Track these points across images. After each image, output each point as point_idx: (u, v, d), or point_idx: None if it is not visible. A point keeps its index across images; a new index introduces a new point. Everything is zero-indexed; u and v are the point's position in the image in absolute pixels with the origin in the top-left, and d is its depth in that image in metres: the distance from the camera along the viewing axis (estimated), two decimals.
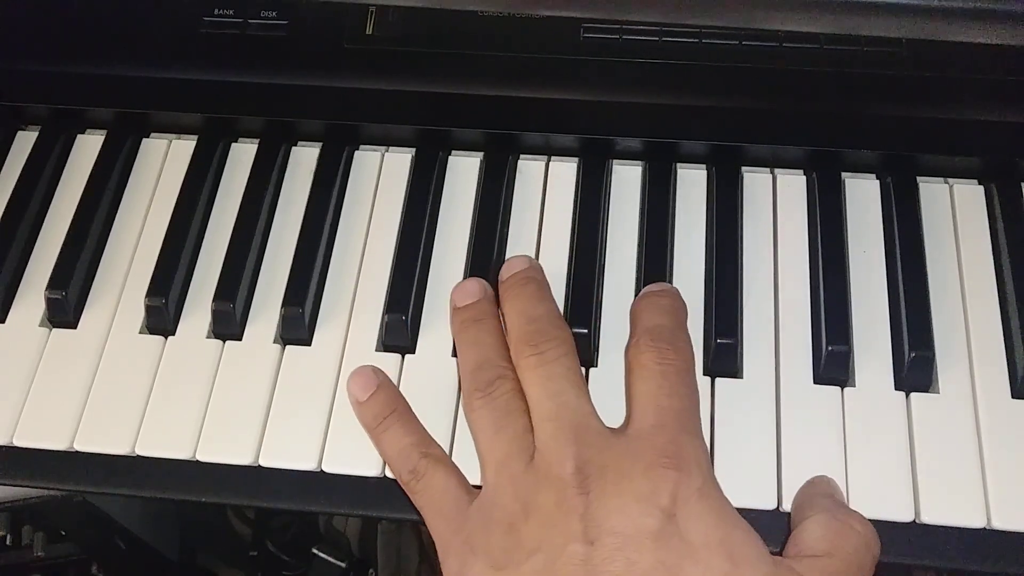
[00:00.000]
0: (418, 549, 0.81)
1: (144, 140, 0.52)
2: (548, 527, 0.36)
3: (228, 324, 0.45)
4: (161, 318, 0.45)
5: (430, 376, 0.44)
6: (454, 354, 0.44)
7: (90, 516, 0.71)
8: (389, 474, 0.42)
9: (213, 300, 0.45)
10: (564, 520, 0.36)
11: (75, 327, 0.46)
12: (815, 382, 0.43)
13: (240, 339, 0.45)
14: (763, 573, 0.35)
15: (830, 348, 0.42)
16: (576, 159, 0.49)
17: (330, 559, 0.84)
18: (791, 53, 0.49)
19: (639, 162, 0.49)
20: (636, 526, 0.35)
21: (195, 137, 0.51)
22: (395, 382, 0.44)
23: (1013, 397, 0.42)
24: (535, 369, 0.40)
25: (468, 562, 0.37)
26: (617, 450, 0.38)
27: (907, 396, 0.43)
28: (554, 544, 0.36)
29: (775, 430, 0.42)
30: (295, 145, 0.51)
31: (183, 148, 0.51)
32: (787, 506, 0.40)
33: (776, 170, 0.49)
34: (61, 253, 0.47)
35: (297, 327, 0.45)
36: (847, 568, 0.36)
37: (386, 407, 0.42)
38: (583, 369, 0.43)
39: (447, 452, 0.42)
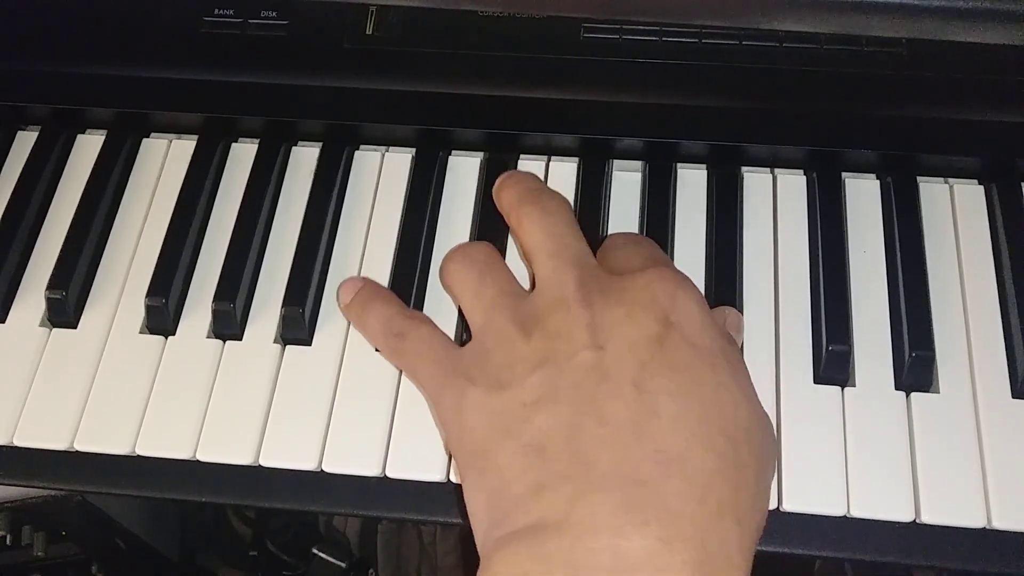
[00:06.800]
0: (418, 549, 0.81)
1: (144, 140, 0.52)
2: (553, 341, 0.36)
3: (228, 324, 0.45)
4: (161, 318, 0.45)
5: None
6: None
7: (90, 516, 0.71)
8: (389, 474, 0.42)
9: (213, 300, 0.45)
10: (569, 332, 0.36)
11: (75, 327, 0.46)
12: (815, 382, 0.43)
13: (240, 339, 0.45)
14: (748, 380, 0.37)
15: (830, 348, 0.42)
16: (576, 159, 0.49)
17: (330, 559, 0.84)
18: (791, 53, 0.49)
19: (639, 162, 0.49)
20: (643, 330, 0.36)
21: (195, 137, 0.51)
22: (396, 380, 0.44)
23: (1013, 397, 0.42)
24: (537, 220, 0.41)
25: (465, 390, 0.37)
26: (615, 278, 0.39)
27: (907, 396, 0.43)
28: (561, 354, 0.36)
29: (775, 430, 0.42)
30: (295, 145, 0.51)
31: (183, 148, 0.51)
32: (788, 506, 0.40)
33: (776, 170, 0.49)
34: (61, 253, 0.47)
35: (297, 327, 0.45)
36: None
37: (368, 295, 0.44)
38: None
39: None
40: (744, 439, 0.35)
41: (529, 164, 0.49)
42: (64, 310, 0.46)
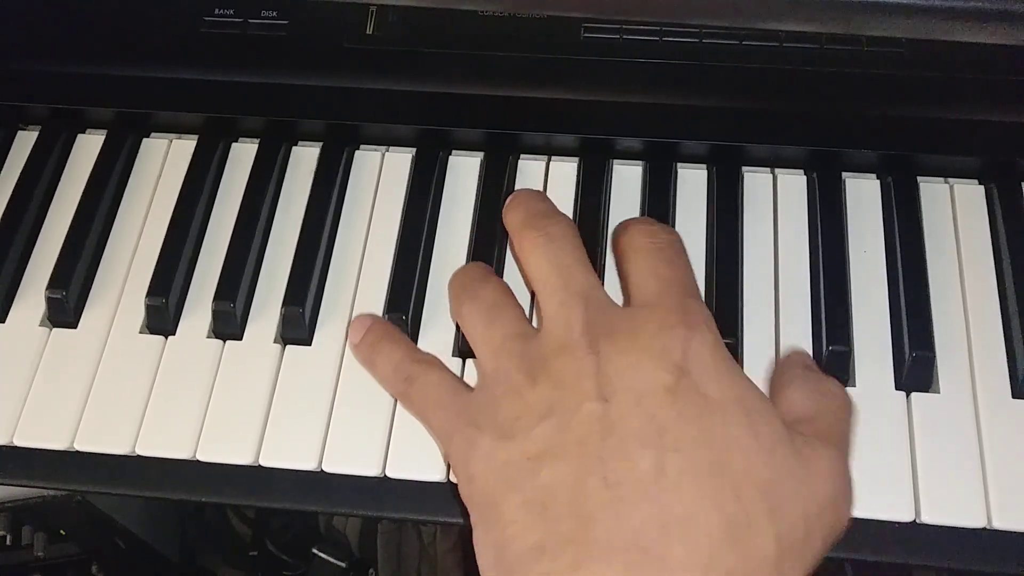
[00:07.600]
0: (418, 549, 0.81)
1: (144, 140, 0.52)
2: (559, 390, 0.35)
3: (228, 324, 0.45)
4: (161, 318, 0.45)
5: None
6: (455, 353, 0.44)
7: (90, 516, 0.71)
8: (389, 474, 0.42)
9: (213, 300, 0.45)
10: (575, 381, 0.35)
11: (75, 327, 0.46)
12: None
13: (240, 339, 0.45)
14: (776, 430, 0.35)
15: (830, 348, 0.42)
16: (576, 159, 0.49)
17: (330, 559, 0.84)
18: (791, 53, 0.49)
19: (639, 162, 0.49)
20: (652, 381, 0.34)
21: (195, 137, 0.51)
22: None
23: (1013, 397, 0.42)
24: (541, 248, 0.40)
25: (474, 439, 0.36)
26: (625, 315, 0.37)
27: (907, 396, 0.43)
28: (567, 406, 0.35)
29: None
30: (295, 145, 0.51)
31: (183, 148, 0.51)
32: None
33: (776, 170, 0.49)
34: (61, 253, 0.47)
35: (297, 327, 0.45)
36: (835, 425, 0.37)
37: (378, 336, 0.43)
38: None
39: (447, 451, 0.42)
40: (760, 497, 0.33)
41: (529, 164, 0.49)
42: (64, 310, 0.46)
